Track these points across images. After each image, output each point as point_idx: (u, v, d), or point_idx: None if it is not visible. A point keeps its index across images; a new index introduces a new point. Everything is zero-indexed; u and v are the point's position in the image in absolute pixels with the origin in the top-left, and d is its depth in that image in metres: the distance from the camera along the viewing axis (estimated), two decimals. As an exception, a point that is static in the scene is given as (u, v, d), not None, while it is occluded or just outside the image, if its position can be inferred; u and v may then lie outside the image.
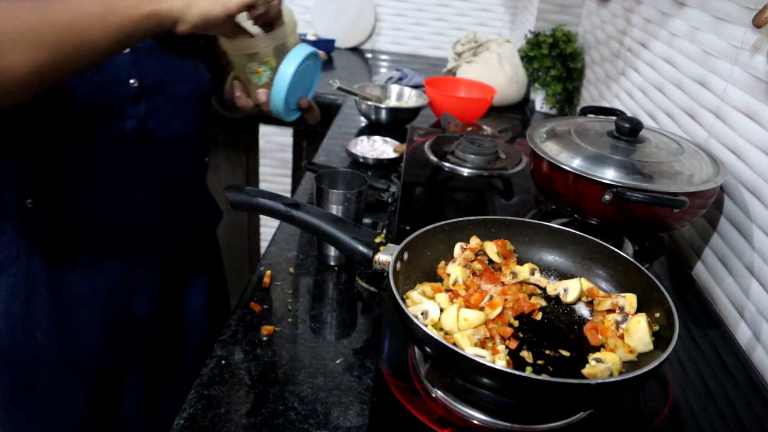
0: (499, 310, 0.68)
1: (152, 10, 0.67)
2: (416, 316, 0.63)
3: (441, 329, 0.65)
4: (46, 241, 0.85)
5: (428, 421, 0.62)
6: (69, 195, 0.83)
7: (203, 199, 1.06)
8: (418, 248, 0.74)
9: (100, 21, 0.65)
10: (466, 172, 1.19)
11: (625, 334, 0.66)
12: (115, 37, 0.66)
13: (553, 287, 0.75)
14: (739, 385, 0.72)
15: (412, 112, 1.64)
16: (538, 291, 0.76)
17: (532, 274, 0.76)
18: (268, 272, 0.96)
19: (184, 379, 1.02)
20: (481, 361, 0.55)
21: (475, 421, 0.62)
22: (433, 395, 0.65)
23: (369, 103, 1.61)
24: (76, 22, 0.64)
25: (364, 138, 1.48)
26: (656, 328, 0.65)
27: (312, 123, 0.94)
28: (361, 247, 0.73)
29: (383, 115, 1.62)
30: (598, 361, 0.62)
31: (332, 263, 1.00)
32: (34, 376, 0.88)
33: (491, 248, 0.77)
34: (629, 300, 0.69)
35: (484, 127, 1.64)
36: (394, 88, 1.77)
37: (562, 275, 0.78)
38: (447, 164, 1.21)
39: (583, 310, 0.73)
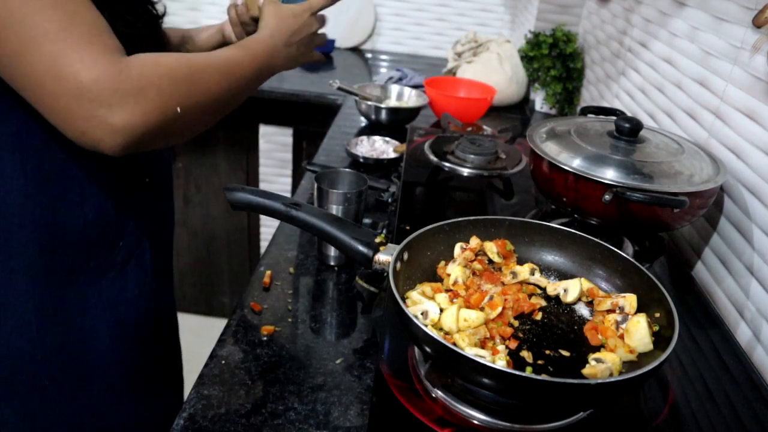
0: (499, 310, 0.68)
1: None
2: (416, 316, 0.63)
3: (441, 329, 0.65)
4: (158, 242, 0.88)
5: (428, 421, 0.62)
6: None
7: None
8: (418, 248, 0.74)
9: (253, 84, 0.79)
10: (466, 172, 1.19)
11: (625, 334, 0.66)
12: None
13: (553, 287, 0.75)
14: (739, 385, 0.72)
15: (412, 112, 1.64)
16: (538, 291, 0.76)
17: (532, 274, 0.76)
18: (268, 272, 0.96)
19: None
20: (481, 361, 0.55)
21: (475, 421, 0.62)
22: (433, 395, 0.65)
23: (369, 103, 1.61)
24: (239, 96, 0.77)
25: (364, 138, 1.48)
26: (656, 328, 0.65)
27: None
28: (361, 247, 0.73)
29: (383, 115, 1.61)
30: (598, 361, 0.62)
31: (332, 263, 1.00)
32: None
33: (491, 248, 0.77)
34: (629, 300, 0.69)
35: (484, 127, 1.64)
36: (394, 88, 1.77)
37: (562, 275, 0.78)
38: (447, 164, 1.21)
39: (583, 310, 0.73)
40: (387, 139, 1.48)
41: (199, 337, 2.48)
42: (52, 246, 0.76)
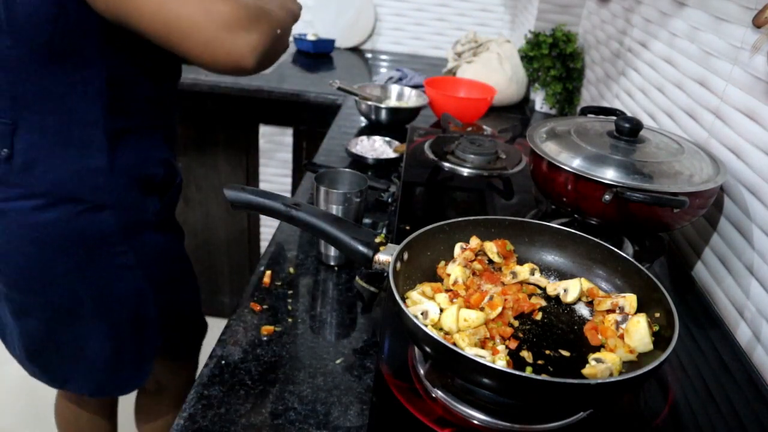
0: (499, 310, 0.68)
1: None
2: (416, 316, 0.63)
3: (441, 329, 0.65)
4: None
5: (428, 421, 0.62)
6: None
7: None
8: (418, 248, 0.74)
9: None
10: (466, 172, 1.19)
11: (625, 334, 0.66)
12: None
13: (553, 287, 0.75)
14: (739, 385, 0.72)
15: (412, 112, 1.64)
16: (538, 291, 0.76)
17: (532, 274, 0.76)
18: (268, 272, 0.96)
19: None
20: (481, 361, 0.55)
21: (475, 421, 0.62)
22: (433, 395, 0.65)
23: (369, 103, 1.61)
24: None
25: (364, 138, 1.48)
26: (656, 328, 0.65)
27: None
28: (361, 247, 0.73)
29: (383, 115, 1.61)
30: (598, 361, 0.62)
31: (332, 263, 1.00)
32: None
33: (491, 248, 0.77)
34: (629, 300, 0.69)
35: (484, 127, 1.64)
36: (394, 88, 1.77)
37: (562, 275, 0.78)
38: (447, 164, 1.21)
39: (583, 310, 0.73)
40: (387, 139, 1.48)
41: (199, 337, 2.48)
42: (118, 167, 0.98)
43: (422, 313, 0.66)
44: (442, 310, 0.66)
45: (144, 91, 0.98)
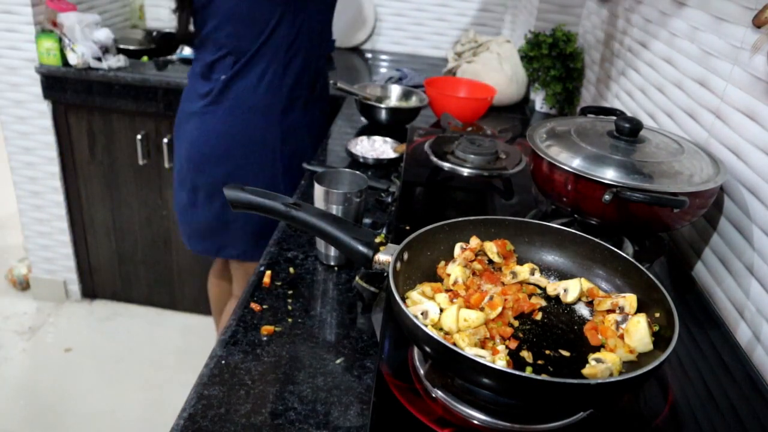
0: (499, 310, 0.68)
1: None
2: (416, 316, 0.63)
3: (441, 329, 0.65)
4: None
5: (428, 421, 0.62)
6: None
7: None
8: (418, 248, 0.74)
9: None
10: (466, 172, 1.19)
11: (625, 334, 0.66)
12: None
13: (553, 287, 0.75)
14: (739, 385, 0.72)
15: (412, 112, 1.64)
16: (538, 291, 0.76)
17: (532, 274, 0.76)
18: (268, 272, 0.96)
19: None
20: (481, 361, 0.55)
21: (475, 421, 0.62)
22: (433, 395, 0.65)
23: (369, 102, 1.61)
24: None
25: (364, 138, 1.48)
26: (656, 328, 0.65)
27: None
28: (361, 247, 0.73)
29: (383, 115, 1.61)
30: (598, 361, 0.62)
31: (332, 263, 1.00)
32: None
33: (491, 248, 0.77)
34: (629, 300, 0.69)
35: (484, 127, 1.64)
36: (394, 88, 1.77)
37: (562, 275, 0.78)
38: (447, 164, 1.21)
39: (583, 310, 0.73)
40: (387, 139, 1.48)
41: (199, 337, 2.49)
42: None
43: (422, 313, 0.66)
44: (442, 310, 0.66)
45: (315, 19, 1.49)
